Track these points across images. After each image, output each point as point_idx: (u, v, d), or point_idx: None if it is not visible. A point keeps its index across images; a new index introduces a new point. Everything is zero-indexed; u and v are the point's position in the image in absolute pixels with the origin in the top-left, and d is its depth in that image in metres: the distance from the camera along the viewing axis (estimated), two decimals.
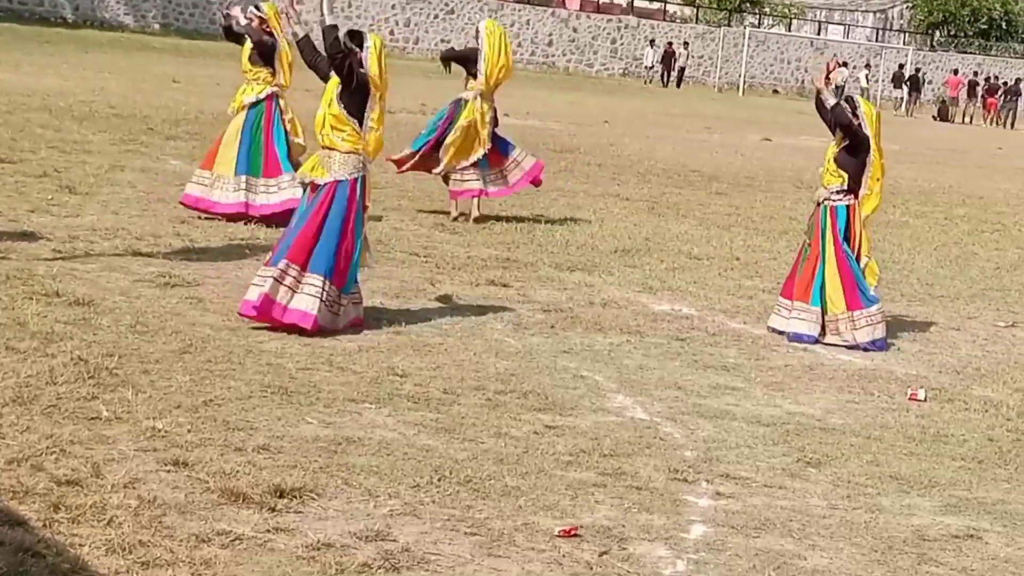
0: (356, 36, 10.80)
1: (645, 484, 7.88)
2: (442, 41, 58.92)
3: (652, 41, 63.82)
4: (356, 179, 10.67)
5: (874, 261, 12.45)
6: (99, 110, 24.49)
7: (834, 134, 12.26)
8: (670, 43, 63.67)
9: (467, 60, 17.02)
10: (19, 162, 17.36)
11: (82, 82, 29.70)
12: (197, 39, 51.92)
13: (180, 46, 47.39)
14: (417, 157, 16.68)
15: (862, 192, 12.13)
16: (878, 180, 12.20)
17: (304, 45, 11.07)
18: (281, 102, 15.10)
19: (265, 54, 15.02)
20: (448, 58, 17.58)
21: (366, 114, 10.69)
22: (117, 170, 17.70)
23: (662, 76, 62.44)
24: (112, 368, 8.92)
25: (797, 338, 11.96)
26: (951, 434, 9.59)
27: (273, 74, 15.03)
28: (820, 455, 8.79)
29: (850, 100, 12.33)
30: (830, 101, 12.17)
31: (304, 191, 10.90)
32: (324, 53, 10.82)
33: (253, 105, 15.01)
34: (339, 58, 10.55)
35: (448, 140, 16.43)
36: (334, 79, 10.72)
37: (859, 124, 12.05)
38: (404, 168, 16.88)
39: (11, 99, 24.33)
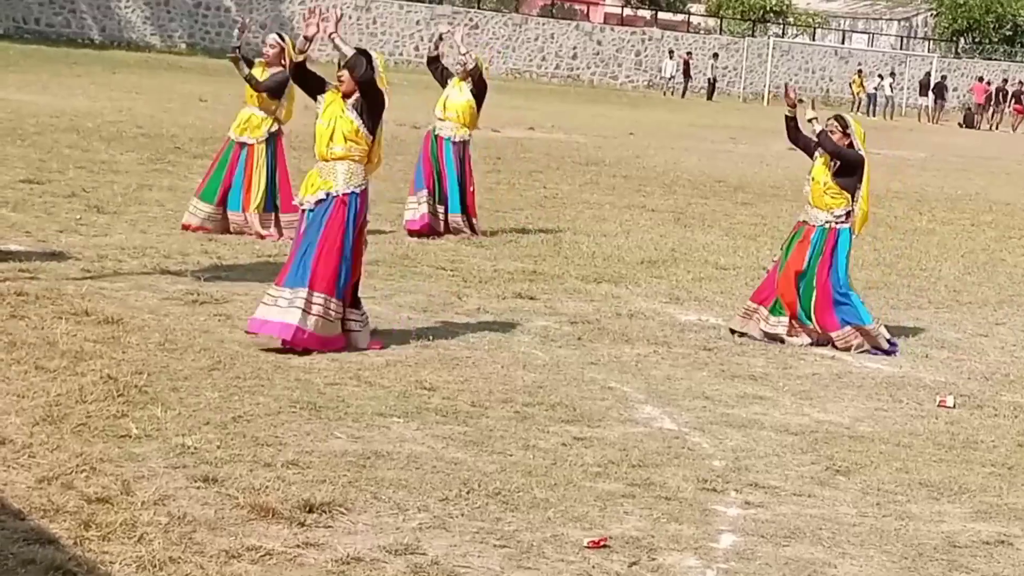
0: (367, 55, 10.76)
1: (674, 494, 7.87)
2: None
3: (671, 52, 63.77)
4: (364, 191, 10.66)
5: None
6: (127, 130, 24.60)
7: (812, 157, 12.18)
8: (688, 54, 63.58)
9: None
10: (48, 183, 17.44)
11: (109, 102, 29.83)
12: (223, 58, 52.00)
13: (207, 65, 47.53)
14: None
15: (855, 211, 12.09)
16: (866, 202, 12.16)
17: (303, 64, 11.00)
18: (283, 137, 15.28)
19: (276, 89, 15.01)
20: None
21: (378, 130, 10.71)
22: (145, 189, 17.78)
23: (684, 88, 62.29)
24: (141, 386, 8.96)
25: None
26: (981, 440, 9.57)
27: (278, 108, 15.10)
28: (849, 463, 8.77)
29: (840, 119, 12.23)
30: (816, 128, 12.06)
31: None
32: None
33: (267, 140, 15.12)
34: (370, 82, 10.54)
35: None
36: (334, 94, 10.67)
37: (850, 143, 12.00)
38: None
39: (39, 120, 24.45)
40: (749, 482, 8.23)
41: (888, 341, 12.12)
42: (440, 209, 16.33)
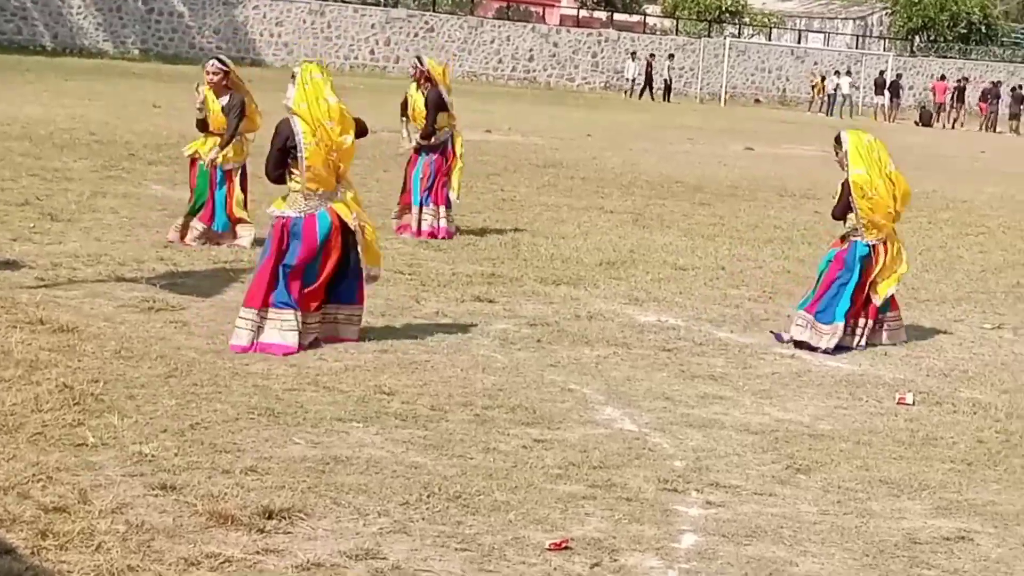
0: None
1: (635, 495, 7.85)
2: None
3: (633, 54, 63.86)
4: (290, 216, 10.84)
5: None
6: (80, 137, 24.47)
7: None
8: (652, 55, 63.64)
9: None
10: (0, 191, 17.31)
11: (62, 109, 29.67)
12: (177, 64, 51.92)
13: (160, 71, 47.35)
14: None
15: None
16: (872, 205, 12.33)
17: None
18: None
19: (235, 113, 14.82)
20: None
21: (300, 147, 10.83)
22: (99, 196, 17.68)
23: (643, 89, 62.33)
24: (97, 394, 8.89)
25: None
26: (940, 437, 9.58)
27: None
28: (810, 461, 8.77)
29: (836, 140, 12.54)
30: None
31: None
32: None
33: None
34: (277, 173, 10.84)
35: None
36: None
37: (839, 160, 12.44)
38: None
39: None
40: (710, 482, 8.21)
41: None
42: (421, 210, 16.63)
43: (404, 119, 17.26)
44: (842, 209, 12.43)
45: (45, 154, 21.51)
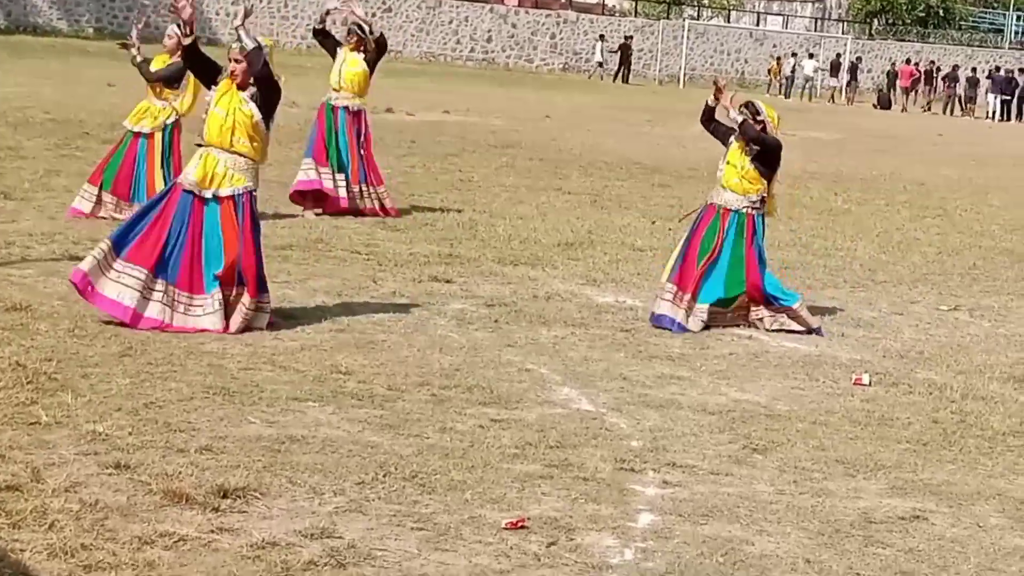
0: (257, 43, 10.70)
1: (592, 475, 7.84)
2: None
3: (602, 36, 63.71)
4: (254, 192, 10.65)
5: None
6: (34, 116, 24.31)
7: (725, 143, 12.16)
8: (628, 37, 63.38)
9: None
10: None
11: (16, 88, 29.45)
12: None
13: (115, 50, 46.84)
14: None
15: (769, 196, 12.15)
16: (777, 182, 12.24)
17: (194, 47, 10.81)
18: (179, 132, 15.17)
19: (172, 77, 14.89)
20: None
21: (269, 126, 10.65)
22: (53, 175, 17.57)
23: (617, 72, 62.00)
24: (51, 373, 8.84)
25: (663, 321, 11.92)
26: (896, 417, 9.61)
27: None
28: (766, 441, 8.78)
29: (750, 105, 12.20)
30: (737, 119, 12.00)
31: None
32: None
33: (163, 129, 14.99)
34: (268, 76, 10.46)
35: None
36: (228, 83, 10.57)
37: (763, 127, 11.96)
38: None
39: None
40: (667, 462, 8.21)
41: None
42: (340, 178, 16.32)
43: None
44: (765, 158, 11.98)
45: None
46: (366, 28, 16.78)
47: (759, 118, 11.94)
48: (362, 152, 16.58)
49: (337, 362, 9.79)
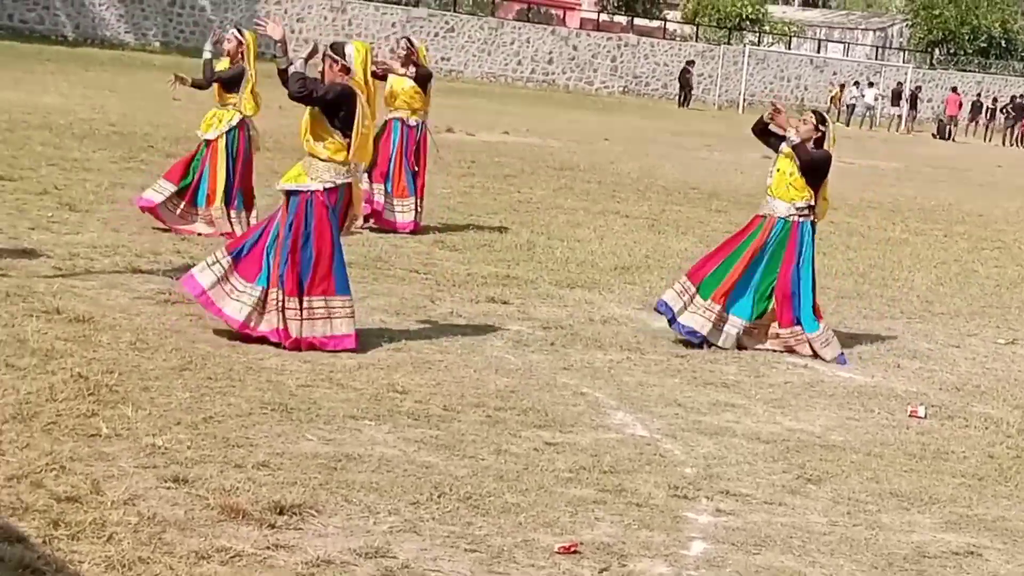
0: (336, 47, 10.77)
1: (645, 501, 7.87)
2: (442, 59, 59.06)
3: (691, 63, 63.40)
4: (337, 187, 10.65)
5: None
6: (99, 128, 24.51)
7: (777, 151, 12.18)
8: (690, 63, 63.34)
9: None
10: (20, 180, 17.36)
11: (82, 100, 29.73)
12: (198, 57, 51.81)
13: (181, 64, 47.03)
14: None
15: (817, 205, 12.16)
16: (826, 198, 12.24)
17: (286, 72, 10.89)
18: (252, 131, 15.22)
19: (232, 81, 15.06)
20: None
21: (356, 121, 10.63)
22: (118, 188, 17.71)
23: (681, 96, 61.92)
24: (112, 385, 8.92)
25: (688, 332, 12.01)
26: (951, 451, 9.59)
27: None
28: (820, 472, 8.78)
29: (817, 113, 12.26)
30: (794, 140, 12.01)
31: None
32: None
33: (228, 131, 15.12)
34: (304, 95, 10.51)
35: None
36: None
37: (820, 137, 11.99)
38: None
39: (12, 117, 24.34)
40: (720, 490, 8.23)
41: (837, 353, 12.09)
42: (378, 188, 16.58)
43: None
44: (814, 175, 12.03)
45: (64, 144, 21.54)
46: (415, 43, 16.95)
47: (821, 127, 11.99)
48: (422, 170, 16.81)
49: (394, 381, 9.84)
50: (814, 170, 11.96)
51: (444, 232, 16.91)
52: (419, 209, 16.78)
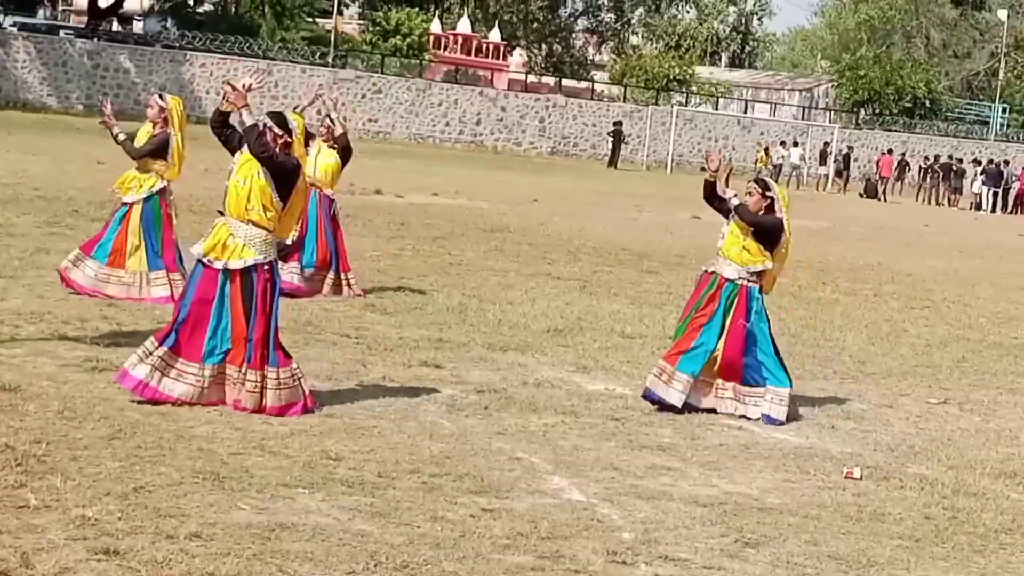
0: (280, 118, 10.70)
1: (584, 567, 7.78)
2: (370, 120, 59.10)
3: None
4: (273, 261, 10.62)
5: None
6: (23, 192, 24.31)
7: (727, 218, 12.21)
8: (617, 123, 63.55)
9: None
10: None
11: (5, 164, 29.48)
12: (121, 120, 51.60)
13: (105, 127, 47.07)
14: None
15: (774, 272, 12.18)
16: (783, 262, 12.26)
17: (227, 118, 10.82)
18: (170, 196, 15.16)
19: (157, 150, 14.95)
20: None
21: (294, 196, 10.61)
22: (42, 253, 17.53)
23: (611, 156, 62.07)
24: (40, 455, 8.76)
25: (652, 396, 12.00)
26: (888, 513, 9.56)
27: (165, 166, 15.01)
28: (758, 535, 8.72)
29: (760, 182, 12.32)
30: (733, 201, 12.07)
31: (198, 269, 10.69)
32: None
33: (148, 199, 15.02)
34: (265, 157, 10.42)
35: None
36: (249, 154, 10.59)
37: (769, 204, 12.03)
38: None
39: None
40: (659, 554, 8.15)
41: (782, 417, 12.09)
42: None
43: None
44: (766, 238, 12.06)
45: None
46: (335, 117, 16.95)
47: (768, 194, 12.03)
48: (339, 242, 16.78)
49: (327, 448, 9.73)
50: (764, 233, 11.98)
51: (375, 295, 16.81)
52: (339, 280, 16.69)
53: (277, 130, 10.58)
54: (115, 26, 70.94)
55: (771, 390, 12.04)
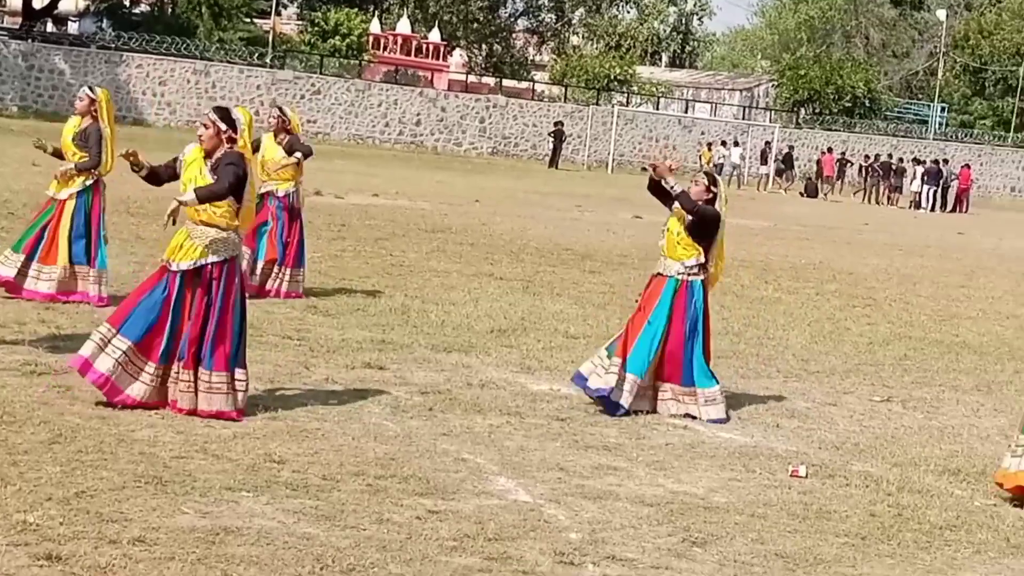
0: (223, 113, 10.67)
1: (531, 568, 7.74)
2: (309, 122, 58.89)
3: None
4: (235, 257, 10.55)
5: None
6: None
7: (669, 208, 12.22)
8: (558, 123, 63.55)
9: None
10: None
11: None
12: (56, 121, 51.12)
13: (39, 128, 46.49)
14: None
15: (709, 268, 12.17)
16: (722, 259, 12.27)
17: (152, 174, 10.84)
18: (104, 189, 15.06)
19: (89, 138, 14.82)
20: None
21: (244, 191, 10.54)
22: None
23: (553, 158, 62.06)
24: None
25: (596, 392, 11.97)
26: (833, 510, 9.57)
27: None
28: (705, 534, 8.71)
29: (709, 175, 12.37)
30: (675, 189, 12.07)
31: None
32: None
33: (81, 192, 14.88)
34: (237, 190, 10.47)
35: None
36: (198, 150, 10.56)
37: (712, 198, 12.04)
38: None
39: None
40: (606, 555, 8.12)
41: (721, 415, 12.09)
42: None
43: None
44: (701, 229, 12.06)
45: None
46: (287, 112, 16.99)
47: (713, 188, 12.04)
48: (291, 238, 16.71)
49: (271, 451, 9.65)
50: (702, 222, 11.96)
51: (316, 297, 16.72)
52: (283, 277, 16.62)
53: (221, 123, 10.55)
54: (50, 27, 70.38)
55: (700, 391, 12.03)
